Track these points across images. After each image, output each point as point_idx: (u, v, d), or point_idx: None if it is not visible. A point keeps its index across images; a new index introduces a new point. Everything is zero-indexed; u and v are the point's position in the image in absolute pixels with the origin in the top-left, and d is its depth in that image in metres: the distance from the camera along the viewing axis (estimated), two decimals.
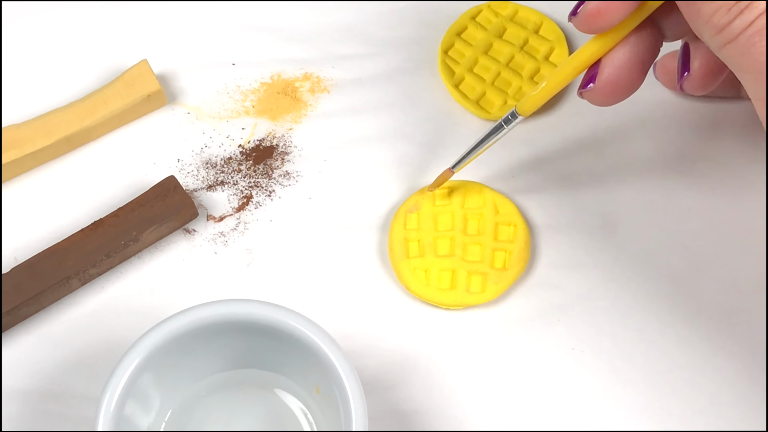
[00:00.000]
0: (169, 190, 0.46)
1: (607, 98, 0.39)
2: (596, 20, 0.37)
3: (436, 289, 0.45)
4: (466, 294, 0.45)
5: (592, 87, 0.39)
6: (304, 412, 0.42)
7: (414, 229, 0.46)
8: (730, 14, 0.33)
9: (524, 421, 0.43)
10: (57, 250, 0.44)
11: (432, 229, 0.46)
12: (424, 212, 0.46)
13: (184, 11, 0.52)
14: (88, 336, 0.45)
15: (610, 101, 0.40)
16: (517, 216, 0.46)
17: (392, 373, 0.44)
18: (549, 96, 0.40)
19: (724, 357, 0.44)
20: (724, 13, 0.33)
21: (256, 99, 0.50)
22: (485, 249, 0.45)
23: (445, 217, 0.46)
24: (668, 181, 0.47)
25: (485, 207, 0.46)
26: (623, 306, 0.45)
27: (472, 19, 0.51)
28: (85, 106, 0.48)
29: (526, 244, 0.45)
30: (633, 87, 0.39)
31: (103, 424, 0.37)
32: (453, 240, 0.46)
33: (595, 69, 0.39)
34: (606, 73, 0.39)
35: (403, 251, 0.46)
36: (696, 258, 0.46)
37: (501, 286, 0.45)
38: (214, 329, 0.39)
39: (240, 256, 0.46)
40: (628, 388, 0.43)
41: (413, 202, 0.47)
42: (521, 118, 0.41)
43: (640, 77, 0.39)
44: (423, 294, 0.45)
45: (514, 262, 0.45)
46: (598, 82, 0.39)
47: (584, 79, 0.40)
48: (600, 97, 0.39)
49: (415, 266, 0.45)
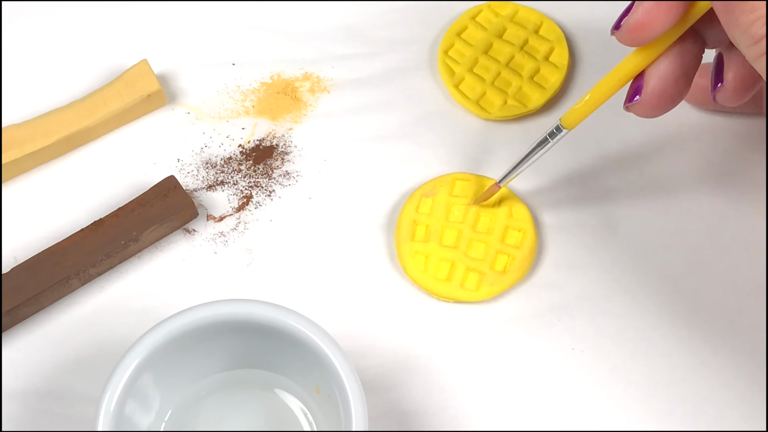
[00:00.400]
0: (169, 190, 0.46)
1: (654, 110, 0.39)
2: (639, 33, 0.36)
3: (432, 277, 0.45)
4: (460, 289, 0.45)
5: (638, 100, 0.39)
6: (304, 412, 0.42)
7: (425, 213, 0.46)
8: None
9: (524, 421, 0.43)
10: (57, 250, 0.44)
11: (443, 218, 0.46)
12: (439, 199, 0.46)
13: (184, 11, 0.52)
14: (88, 336, 0.45)
15: (657, 113, 0.39)
16: (528, 223, 0.46)
17: (392, 373, 0.44)
18: (593, 109, 0.40)
19: (724, 357, 0.44)
20: (762, 23, 0.32)
21: (256, 99, 0.50)
22: (489, 249, 0.45)
23: (458, 208, 0.46)
24: (669, 182, 0.47)
25: (500, 208, 0.46)
26: (623, 306, 0.45)
27: (472, 19, 0.51)
28: (85, 106, 0.48)
29: (531, 253, 0.45)
30: (679, 97, 0.39)
31: (103, 424, 0.37)
32: (460, 233, 0.46)
33: (640, 81, 0.38)
34: (651, 85, 0.38)
35: (409, 233, 0.46)
36: (696, 258, 0.46)
37: (496, 288, 0.45)
38: (214, 329, 0.39)
39: (240, 256, 0.46)
40: (628, 388, 0.43)
41: (431, 187, 0.47)
42: (566, 131, 0.41)
43: (686, 87, 0.39)
44: (418, 279, 0.45)
45: (515, 268, 0.45)
46: (644, 95, 0.38)
47: (629, 92, 0.39)
48: (647, 109, 0.39)
49: (416, 250, 0.45)
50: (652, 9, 0.36)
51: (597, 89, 0.39)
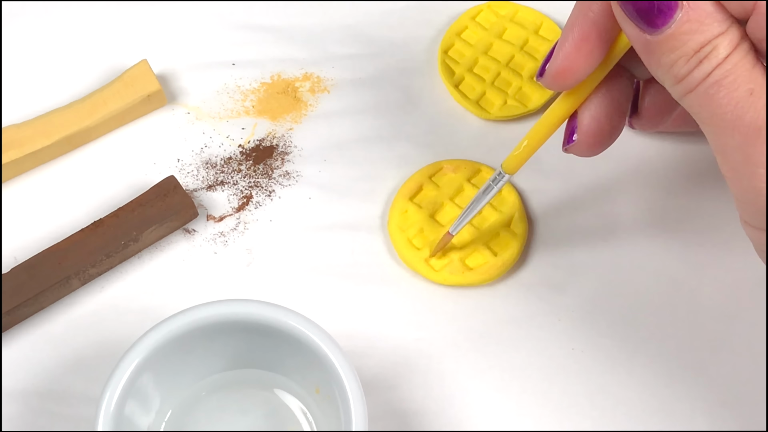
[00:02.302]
0: (169, 190, 0.46)
1: (592, 149, 0.39)
2: (563, 78, 0.36)
3: (406, 240, 0.45)
4: (422, 262, 0.45)
5: (575, 141, 0.39)
6: (304, 412, 0.42)
7: (436, 184, 0.47)
8: (689, 65, 0.32)
9: (524, 421, 0.43)
10: (57, 250, 0.44)
11: (445, 196, 0.46)
12: (449, 178, 0.47)
13: (183, 11, 0.52)
14: (88, 336, 0.45)
15: (596, 151, 0.39)
16: (517, 241, 0.46)
17: (392, 373, 0.44)
18: (531, 154, 0.40)
19: (724, 357, 0.44)
20: (683, 63, 0.32)
21: (256, 99, 0.50)
22: (472, 243, 0.45)
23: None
24: (669, 182, 0.48)
25: (503, 216, 0.46)
26: (623, 306, 0.45)
27: (472, 19, 0.51)
28: (85, 106, 0.48)
29: (501, 269, 0.45)
30: (615, 133, 0.39)
31: (103, 424, 0.37)
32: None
33: (574, 123, 0.39)
34: (585, 125, 0.38)
35: (408, 194, 0.46)
36: (696, 258, 0.46)
37: (456, 278, 0.45)
38: (214, 329, 0.39)
39: (240, 256, 0.46)
40: (628, 388, 0.43)
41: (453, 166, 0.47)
42: (508, 176, 0.41)
43: (620, 121, 0.39)
44: (393, 233, 0.46)
45: (480, 273, 0.45)
46: (579, 136, 0.39)
47: (565, 134, 0.39)
48: (585, 148, 0.39)
49: (406, 209, 0.46)
50: (571, 54, 0.36)
51: (533, 134, 0.39)
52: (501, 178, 0.42)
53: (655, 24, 0.32)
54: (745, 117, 0.32)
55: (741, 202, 0.33)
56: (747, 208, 0.33)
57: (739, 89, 0.32)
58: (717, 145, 0.33)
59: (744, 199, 0.33)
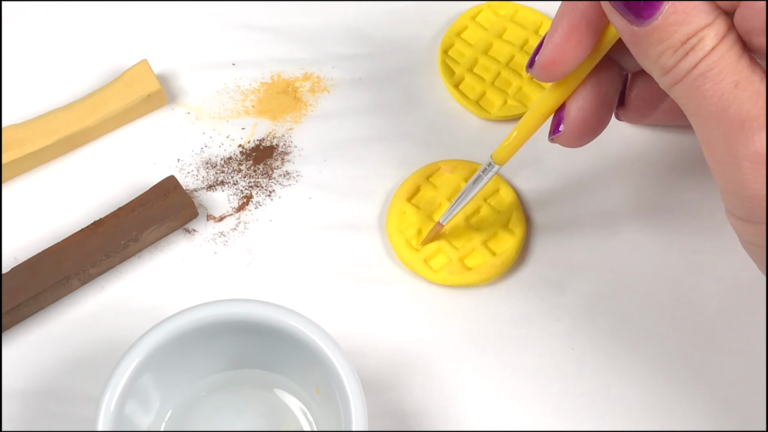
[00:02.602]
0: (169, 190, 0.46)
1: (578, 140, 0.39)
2: (552, 70, 0.37)
3: (404, 241, 0.45)
4: (422, 263, 0.45)
5: (561, 131, 0.39)
6: (304, 412, 0.42)
7: (434, 185, 0.47)
8: (676, 56, 0.32)
9: (524, 421, 0.43)
10: (57, 250, 0.44)
11: (443, 196, 0.46)
12: (447, 179, 0.47)
13: (183, 11, 0.52)
14: (88, 336, 0.45)
15: (581, 142, 0.39)
16: (516, 241, 0.46)
17: (392, 373, 0.44)
18: (521, 144, 0.40)
19: (724, 357, 0.44)
20: (670, 54, 0.32)
21: (256, 99, 0.50)
22: (470, 243, 0.45)
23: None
24: (669, 181, 0.47)
25: (501, 215, 0.46)
26: (623, 306, 0.45)
27: (472, 19, 0.51)
28: (85, 106, 0.48)
29: (500, 268, 0.45)
30: (601, 125, 0.39)
31: (103, 424, 0.37)
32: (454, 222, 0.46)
33: (561, 114, 0.39)
34: (572, 116, 0.39)
35: (405, 195, 0.46)
36: (696, 258, 0.46)
37: (455, 278, 0.45)
38: (214, 329, 0.39)
39: (240, 256, 0.46)
40: (628, 388, 0.43)
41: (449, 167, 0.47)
42: (498, 167, 0.42)
43: (607, 114, 0.39)
44: (392, 235, 0.46)
45: (479, 273, 0.45)
46: (566, 126, 0.39)
47: (552, 125, 0.39)
48: (571, 139, 0.39)
49: (404, 210, 0.46)
50: (560, 45, 0.36)
51: (522, 125, 0.40)
52: (491, 168, 0.42)
53: (642, 15, 0.32)
54: (729, 109, 0.32)
55: (725, 193, 0.34)
56: (731, 199, 0.33)
57: (724, 81, 0.32)
58: (703, 136, 0.33)
59: (728, 190, 0.33)
